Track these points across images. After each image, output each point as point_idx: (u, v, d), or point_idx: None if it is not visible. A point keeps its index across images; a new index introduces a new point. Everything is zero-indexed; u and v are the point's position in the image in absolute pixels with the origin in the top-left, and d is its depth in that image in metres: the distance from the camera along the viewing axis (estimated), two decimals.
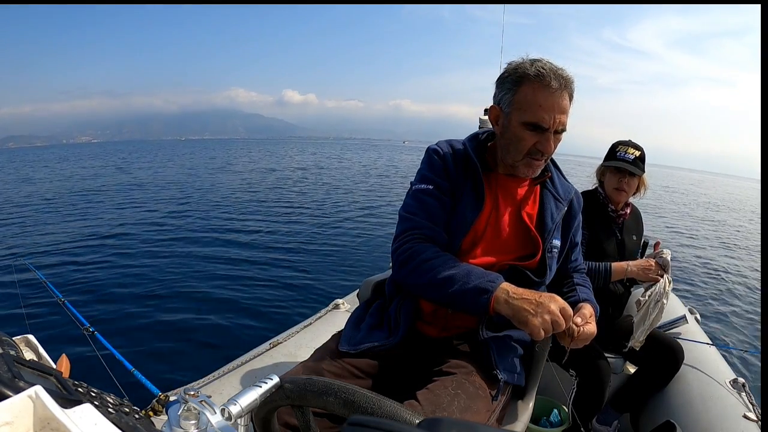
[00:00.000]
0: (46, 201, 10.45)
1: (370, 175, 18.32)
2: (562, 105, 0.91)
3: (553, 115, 0.91)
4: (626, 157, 1.59)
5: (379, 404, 0.42)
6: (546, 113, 0.90)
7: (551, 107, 0.90)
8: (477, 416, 0.82)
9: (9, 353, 0.40)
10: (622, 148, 1.62)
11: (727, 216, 15.12)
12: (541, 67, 0.90)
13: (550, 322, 0.77)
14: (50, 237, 6.62)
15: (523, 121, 0.93)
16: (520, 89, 0.92)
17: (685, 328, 1.93)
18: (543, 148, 0.94)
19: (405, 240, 0.96)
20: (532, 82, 0.90)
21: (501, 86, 0.96)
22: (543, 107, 0.90)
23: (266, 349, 1.72)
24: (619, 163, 1.59)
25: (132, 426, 0.38)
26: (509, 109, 0.95)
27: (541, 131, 0.93)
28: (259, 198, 10.86)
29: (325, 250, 5.92)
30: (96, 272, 4.90)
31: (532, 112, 0.91)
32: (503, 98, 0.96)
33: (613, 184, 1.61)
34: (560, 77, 0.89)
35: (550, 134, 0.93)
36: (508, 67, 0.95)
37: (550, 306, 0.78)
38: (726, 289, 5.58)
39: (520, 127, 0.94)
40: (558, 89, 0.89)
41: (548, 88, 0.89)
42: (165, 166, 22.63)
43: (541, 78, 0.89)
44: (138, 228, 7.30)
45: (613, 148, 1.64)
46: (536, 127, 0.92)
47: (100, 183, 14.29)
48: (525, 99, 0.91)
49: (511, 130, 0.95)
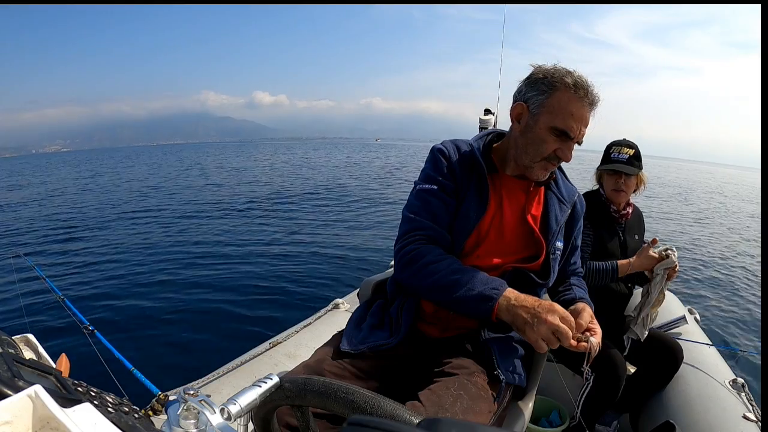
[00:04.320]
0: (45, 200, 10.45)
1: (368, 175, 18.34)
2: (587, 119, 0.94)
3: (581, 126, 0.93)
4: (620, 158, 1.59)
5: (378, 404, 0.42)
6: (575, 123, 0.93)
7: (580, 118, 0.93)
8: (479, 417, 0.82)
9: (8, 352, 0.40)
10: (615, 149, 1.62)
11: (720, 209, 15.10)
12: (579, 78, 0.92)
13: (552, 334, 0.76)
14: (51, 237, 6.63)
15: (551, 126, 0.94)
16: (554, 94, 0.93)
17: (684, 328, 1.93)
18: (562, 155, 0.96)
19: (409, 240, 0.95)
20: (568, 90, 0.92)
21: (532, 86, 0.96)
22: (574, 116, 0.92)
23: (266, 349, 1.72)
24: (614, 166, 1.59)
25: (131, 425, 0.38)
26: (538, 111, 0.95)
27: (566, 139, 0.94)
28: (256, 199, 10.87)
29: (325, 250, 5.92)
30: (96, 272, 4.91)
31: (562, 119, 0.93)
32: (533, 98, 0.96)
33: (611, 186, 1.61)
34: (592, 93, 0.93)
35: (573, 143, 0.95)
36: (542, 70, 0.96)
37: (546, 317, 0.77)
38: (726, 289, 5.58)
39: (546, 131, 0.94)
40: (588, 104, 0.93)
41: (582, 100, 0.92)
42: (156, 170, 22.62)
43: (577, 89, 0.91)
44: (138, 228, 7.31)
45: (607, 150, 1.64)
46: (562, 134, 0.94)
47: (101, 183, 14.30)
48: (558, 105, 0.93)
49: (536, 131, 0.96)
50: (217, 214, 8.63)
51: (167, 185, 14.02)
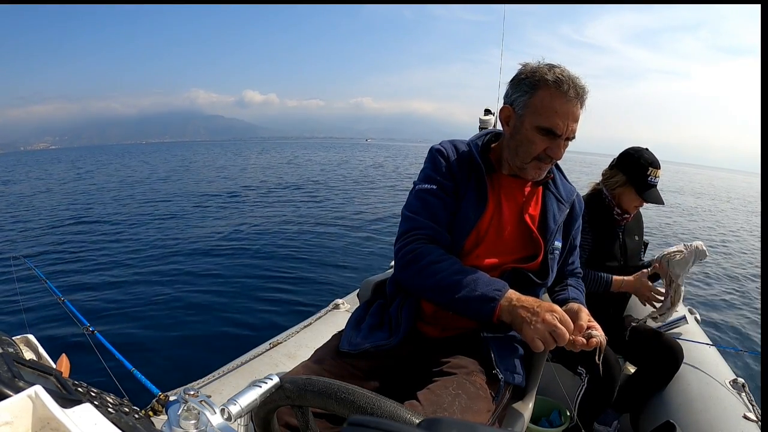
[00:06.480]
0: (46, 199, 10.45)
1: (366, 175, 18.33)
2: (575, 114, 0.92)
3: (567, 122, 0.91)
4: (655, 182, 1.54)
5: (378, 404, 0.42)
6: (561, 120, 0.91)
7: (566, 114, 0.91)
8: (478, 416, 0.82)
9: (9, 353, 0.40)
10: (652, 171, 1.52)
11: (721, 209, 15.12)
12: (560, 74, 0.90)
13: (548, 333, 0.76)
14: (50, 236, 6.63)
15: (536, 126, 0.93)
16: (536, 93, 0.92)
17: (685, 328, 1.93)
18: (553, 154, 0.95)
19: (409, 240, 0.95)
20: (549, 88, 0.90)
21: (516, 88, 0.96)
22: (558, 114, 0.91)
23: (266, 349, 1.72)
24: (652, 196, 1.53)
25: (132, 426, 0.38)
26: (523, 112, 0.94)
27: (554, 137, 0.93)
28: (255, 199, 10.86)
29: (325, 250, 5.92)
30: (96, 272, 4.90)
31: (547, 118, 0.91)
32: (517, 100, 0.95)
33: (633, 203, 1.57)
34: (577, 86, 0.90)
35: (562, 141, 0.94)
36: (524, 69, 0.95)
37: (544, 315, 0.77)
38: (726, 289, 5.58)
39: (533, 131, 0.93)
40: (574, 98, 0.90)
41: (565, 96, 0.90)
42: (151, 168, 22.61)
43: (559, 85, 0.89)
44: (138, 227, 7.31)
45: (643, 170, 1.52)
46: (549, 133, 0.92)
47: (101, 182, 14.29)
48: (541, 104, 0.92)
49: (523, 132, 0.95)
50: (217, 213, 8.64)
51: (166, 185, 14.03)
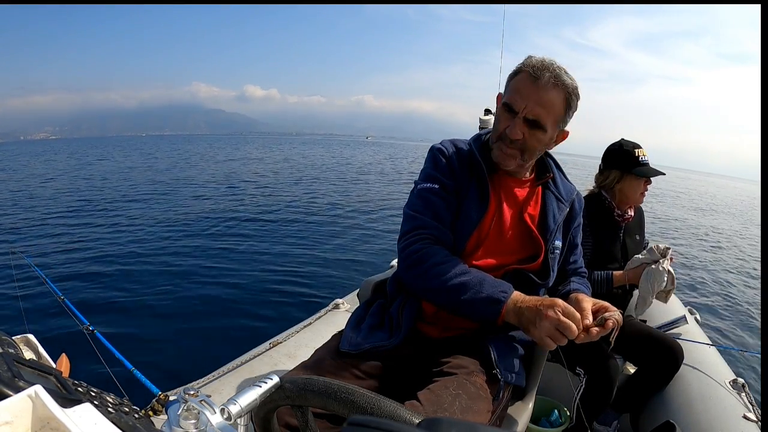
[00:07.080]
0: (38, 191, 10.44)
1: (365, 173, 18.33)
2: (543, 98, 0.91)
3: (528, 102, 0.92)
4: (646, 161, 1.54)
5: (378, 404, 0.42)
6: (520, 97, 0.93)
7: (528, 95, 0.92)
8: (478, 417, 0.82)
9: (9, 352, 0.40)
10: (639, 151, 1.53)
11: (717, 217, 15.15)
12: (540, 62, 0.92)
13: (555, 330, 0.76)
14: (50, 236, 6.62)
15: (502, 103, 0.97)
16: (515, 78, 0.96)
17: (685, 328, 1.93)
18: (510, 132, 0.94)
19: (413, 240, 0.95)
20: (525, 73, 0.93)
21: (508, 78, 1.00)
22: (521, 92, 0.93)
23: (266, 349, 1.72)
24: (647, 170, 1.52)
25: (132, 425, 0.38)
26: (504, 95, 0.98)
27: (512, 114, 0.94)
28: (255, 198, 10.86)
29: (325, 250, 5.91)
30: (96, 271, 4.90)
31: (509, 95, 0.95)
32: (505, 87, 0.99)
33: (639, 189, 1.57)
34: (555, 75, 0.90)
35: (519, 119, 0.93)
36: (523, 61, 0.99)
37: (547, 313, 0.77)
38: (726, 289, 5.58)
39: (501, 110, 0.98)
40: (544, 83, 0.90)
41: (533, 79, 0.91)
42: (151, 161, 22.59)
43: (534, 70, 0.91)
44: (138, 227, 7.30)
45: (629, 154, 1.54)
46: (509, 110, 0.94)
47: (101, 180, 14.28)
48: (515, 85, 0.95)
49: (497, 112, 1.00)
50: (216, 214, 8.63)
51: (167, 181, 14.03)
